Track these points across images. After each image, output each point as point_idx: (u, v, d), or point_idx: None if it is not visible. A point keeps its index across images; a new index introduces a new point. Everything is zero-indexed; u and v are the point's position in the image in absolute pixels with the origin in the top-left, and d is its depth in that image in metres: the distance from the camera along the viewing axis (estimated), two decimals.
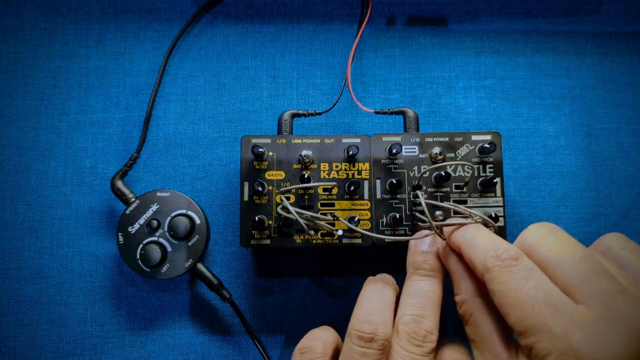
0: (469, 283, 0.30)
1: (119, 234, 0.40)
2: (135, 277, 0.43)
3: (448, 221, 0.32)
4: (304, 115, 0.41)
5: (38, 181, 0.44)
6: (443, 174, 0.37)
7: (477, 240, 0.29)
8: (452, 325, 0.42)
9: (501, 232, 0.38)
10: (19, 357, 0.42)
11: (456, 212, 0.36)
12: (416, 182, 0.38)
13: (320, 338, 0.32)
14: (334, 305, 0.42)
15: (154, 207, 0.40)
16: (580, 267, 0.25)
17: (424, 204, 0.33)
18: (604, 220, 0.43)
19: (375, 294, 0.32)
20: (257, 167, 0.39)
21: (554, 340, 0.23)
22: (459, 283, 0.30)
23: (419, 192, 0.35)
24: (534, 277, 0.25)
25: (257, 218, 0.37)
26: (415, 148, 0.39)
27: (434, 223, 0.32)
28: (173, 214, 0.40)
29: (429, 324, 0.30)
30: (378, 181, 0.38)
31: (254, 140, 0.39)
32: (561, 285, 0.25)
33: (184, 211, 0.40)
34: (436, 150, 0.38)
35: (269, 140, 0.39)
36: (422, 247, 0.33)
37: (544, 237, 0.27)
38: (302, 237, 0.38)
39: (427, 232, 0.34)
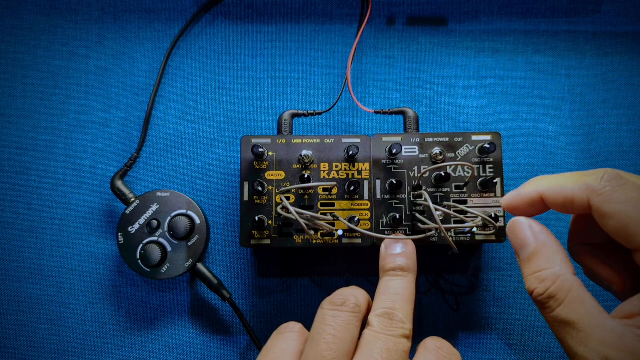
0: (562, 255, 0.25)
1: (119, 234, 0.40)
2: (135, 277, 0.43)
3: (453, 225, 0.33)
4: (304, 115, 0.41)
5: (38, 181, 0.44)
6: (443, 174, 0.37)
7: (559, 179, 0.26)
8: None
9: (501, 232, 0.38)
10: (19, 357, 0.42)
11: (456, 213, 0.36)
12: (416, 183, 0.38)
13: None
14: None
15: (154, 207, 0.40)
16: None
17: (431, 204, 0.33)
18: None
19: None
20: (257, 167, 0.39)
21: None
22: (549, 256, 0.26)
23: (424, 192, 0.35)
24: None
25: (257, 218, 0.37)
26: (415, 148, 0.39)
27: (442, 226, 0.32)
28: (173, 214, 0.40)
29: (401, 315, 0.29)
30: (378, 181, 0.38)
31: (254, 140, 0.39)
32: None
33: (184, 211, 0.40)
34: (436, 150, 0.38)
35: (269, 140, 0.39)
36: (393, 251, 0.33)
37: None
38: (302, 237, 0.38)
39: (402, 236, 0.35)
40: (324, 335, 0.28)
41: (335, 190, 0.38)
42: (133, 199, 0.41)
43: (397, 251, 0.33)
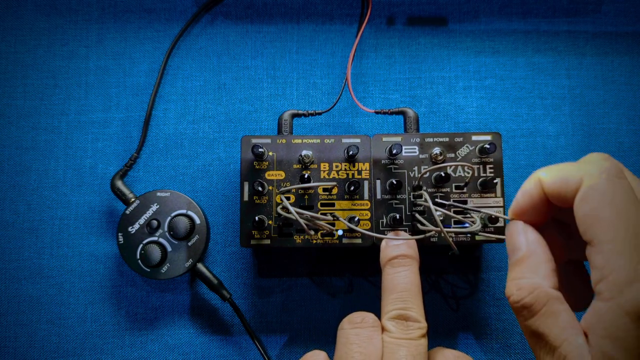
0: (547, 267, 0.25)
1: (119, 234, 0.40)
2: (135, 277, 0.43)
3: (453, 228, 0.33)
4: (304, 115, 0.41)
5: (38, 181, 0.44)
6: (443, 174, 0.37)
7: (559, 165, 0.26)
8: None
9: (501, 232, 0.38)
10: (19, 357, 0.42)
11: (456, 213, 0.36)
12: (416, 183, 0.38)
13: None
14: (334, 305, 0.42)
15: (154, 207, 0.40)
16: None
17: (431, 205, 0.33)
18: None
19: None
20: (257, 167, 0.39)
21: None
22: (533, 265, 0.25)
23: (424, 192, 0.35)
24: None
25: (257, 218, 0.37)
26: (415, 148, 0.39)
27: (444, 230, 0.32)
28: (173, 214, 0.40)
29: (414, 313, 0.30)
30: (378, 181, 0.38)
31: (254, 140, 0.39)
32: None
33: (184, 211, 0.40)
34: (436, 150, 0.38)
35: (269, 140, 0.39)
36: (394, 243, 0.34)
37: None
38: (302, 237, 0.38)
39: (405, 234, 0.36)
40: (351, 354, 0.29)
41: (335, 190, 0.38)
42: (133, 199, 0.41)
43: (399, 242, 0.34)
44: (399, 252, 0.33)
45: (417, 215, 0.37)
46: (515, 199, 0.27)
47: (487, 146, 0.37)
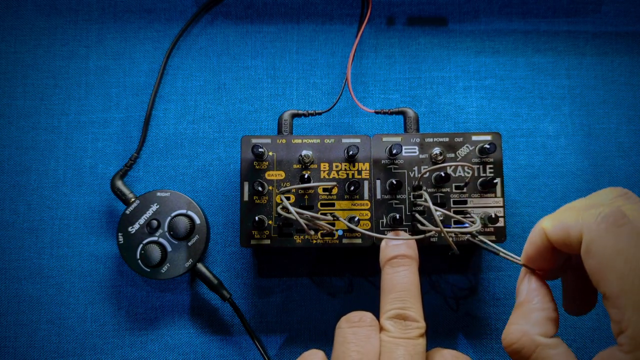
0: (541, 315, 0.26)
1: (119, 234, 0.40)
2: (135, 277, 0.43)
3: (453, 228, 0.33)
4: (304, 115, 0.41)
5: (38, 181, 0.44)
6: (443, 174, 0.37)
7: (561, 213, 0.25)
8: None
9: (501, 232, 0.38)
10: (19, 357, 0.42)
11: (456, 213, 0.36)
12: (416, 183, 0.38)
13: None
14: (334, 305, 0.42)
15: (154, 207, 0.40)
16: None
17: (431, 205, 0.33)
18: None
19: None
20: (257, 167, 0.39)
21: None
22: (526, 312, 0.26)
23: (424, 192, 0.35)
24: None
25: (257, 218, 0.37)
26: (415, 148, 0.39)
27: (444, 230, 0.32)
28: (173, 214, 0.40)
29: (413, 313, 0.30)
30: (378, 181, 0.38)
31: (254, 140, 0.39)
32: None
33: (184, 211, 0.40)
34: (436, 150, 0.38)
35: (269, 140, 0.39)
36: (394, 243, 0.34)
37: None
38: (302, 237, 0.38)
39: (405, 234, 0.36)
40: (349, 353, 0.29)
41: (335, 190, 0.38)
42: (133, 199, 0.41)
43: (399, 243, 0.34)
44: (398, 252, 0.33)
45: (417, 215, 0.37)
46: (524, 248, 0.28)
47: (487, 146, 0.37)
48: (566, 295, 0.30)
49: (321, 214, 0.38)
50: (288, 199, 0.38)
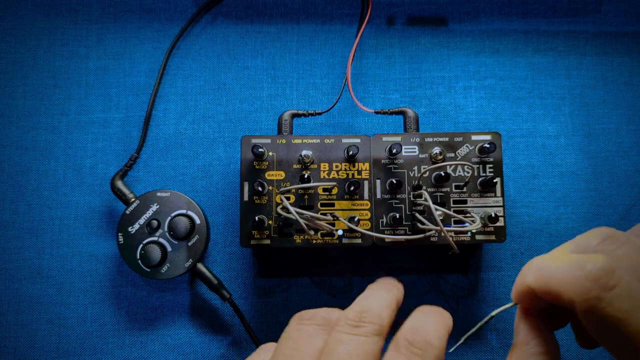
0: (534, 358, 0.25)
1: (119, 234, 0.40)
2: (135, 277, 0.43)
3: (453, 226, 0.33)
4: (304, 115, 0.41)
5: (38, 181, 0.44)
6: (443, 174, 0.37)
7: (547, 267, 0.24)
8: None
9: (501, 232, 0.38)
10: (19, 357, 0.42)
11: (456, 214, 0.36)
12: (416, 182, 0.38)
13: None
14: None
15: (154, 207, 0.40)
16: None
17: (431, 204, 0.33)
18: (604, 220, 0.43)
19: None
20: (257, 167, 0.39)
21: None
22: (520, 354, 0.25)
23: (424, 192, 0.35)
24: None
25: (257, 218, 0.37)
26: (415, 148, 0.39)
27: (444, 229, 0.32)
28: (173, 214, 0.40)
29: (373, 310, 0.27)
30: (378, 181, 0.38)
31: (254, 140, 0.39)
32: None
33: (184, 211, 0.40)
34: (436, 150, 0.38)
35: (269, 140, 0.39)
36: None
37: None
38: (302, 237, 0.38)
39: (392, 279, 0.32)
40: (283, 350, 0.26)
41: (335, 190, 0.38)
42: (133, 199, 0.41)
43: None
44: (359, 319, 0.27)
45: (417, 214, 0.37)
46: (514, 286, 0.26)
47: (487, 146, 0.37)
48: (576, 332, 0.28)
49: (321, 214, 0.38)
50: (288, 199, 0.38)
